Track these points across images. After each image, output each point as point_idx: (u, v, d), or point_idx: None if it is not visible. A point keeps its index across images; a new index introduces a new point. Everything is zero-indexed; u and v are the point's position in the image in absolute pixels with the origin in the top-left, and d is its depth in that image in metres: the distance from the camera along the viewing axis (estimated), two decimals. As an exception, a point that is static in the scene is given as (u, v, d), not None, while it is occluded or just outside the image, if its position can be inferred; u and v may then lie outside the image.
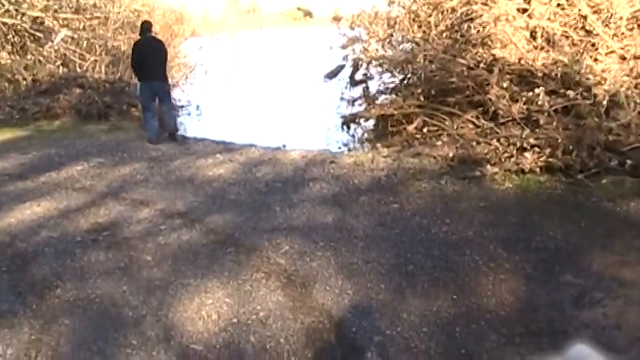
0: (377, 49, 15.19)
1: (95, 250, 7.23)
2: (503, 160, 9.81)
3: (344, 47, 16.86)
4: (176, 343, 5.36)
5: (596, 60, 10.94)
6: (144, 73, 12.93)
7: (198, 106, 17.61)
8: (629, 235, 7.50)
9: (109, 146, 12.34)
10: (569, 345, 0.88)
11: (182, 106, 17.42)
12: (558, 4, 11.29)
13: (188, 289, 6.29)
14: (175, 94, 18.25)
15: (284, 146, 12.20)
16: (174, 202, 8.95)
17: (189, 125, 15.52)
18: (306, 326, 5.60)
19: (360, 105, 15.09)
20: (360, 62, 16.66)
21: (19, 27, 18.25)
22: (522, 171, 9.57)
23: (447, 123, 11.51)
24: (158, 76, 13.00)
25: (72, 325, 5.62)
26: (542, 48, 11.34)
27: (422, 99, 12.25)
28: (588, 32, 11.12)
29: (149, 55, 12.83)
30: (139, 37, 13.50)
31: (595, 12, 11.11)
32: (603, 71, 10.68)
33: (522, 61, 11.30)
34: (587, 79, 10.62)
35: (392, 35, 14.92)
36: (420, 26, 13.82)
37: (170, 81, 14.61)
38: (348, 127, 14.30)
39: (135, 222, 8.16)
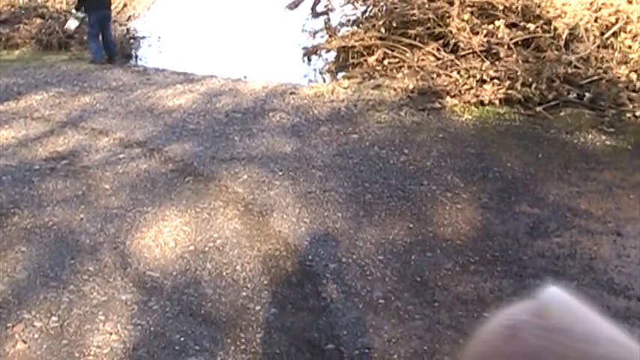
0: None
1: (53, 179, 7.19)
2: (462, 92, 9.84)
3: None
4: (133, 270, 5.39)
5: (556, -7, 10.97)
6: (95, 3, 12.99)
7: (159, 37, 17.41)
8: (585, 167, 7.62)
9: (69, 76, 12.17)
10: (542, 288, 0.89)
11: (143, 37, 17.20)
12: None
13: (146, 217, 6.30)
14: (137, 24, 18.09)
15: (245, 77, 12.09)
16: (133, 131, 8.89)
17: (150, 56, 15.34)
18: (263, 254, 5.65)
19: (322, 37, 14.98)
20: (322, -7, 16.59)
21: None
22: (481, 103, 9.61)
23: (407, 55, 11.48)
24: (106, 5, 13.45)
25: (29, 252, 5.63)
26: (503, -20, 11.33)
27: (383, 31, 12.18)
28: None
29: None
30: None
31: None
32: (563, 4, 10.73)
33: (483, -6, 11.29)
34: (548, 12, 10.66)
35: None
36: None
37: (132, 12, 14.62)
38: (309, 59, 14.19)
39: (94, 151, 8.11)
